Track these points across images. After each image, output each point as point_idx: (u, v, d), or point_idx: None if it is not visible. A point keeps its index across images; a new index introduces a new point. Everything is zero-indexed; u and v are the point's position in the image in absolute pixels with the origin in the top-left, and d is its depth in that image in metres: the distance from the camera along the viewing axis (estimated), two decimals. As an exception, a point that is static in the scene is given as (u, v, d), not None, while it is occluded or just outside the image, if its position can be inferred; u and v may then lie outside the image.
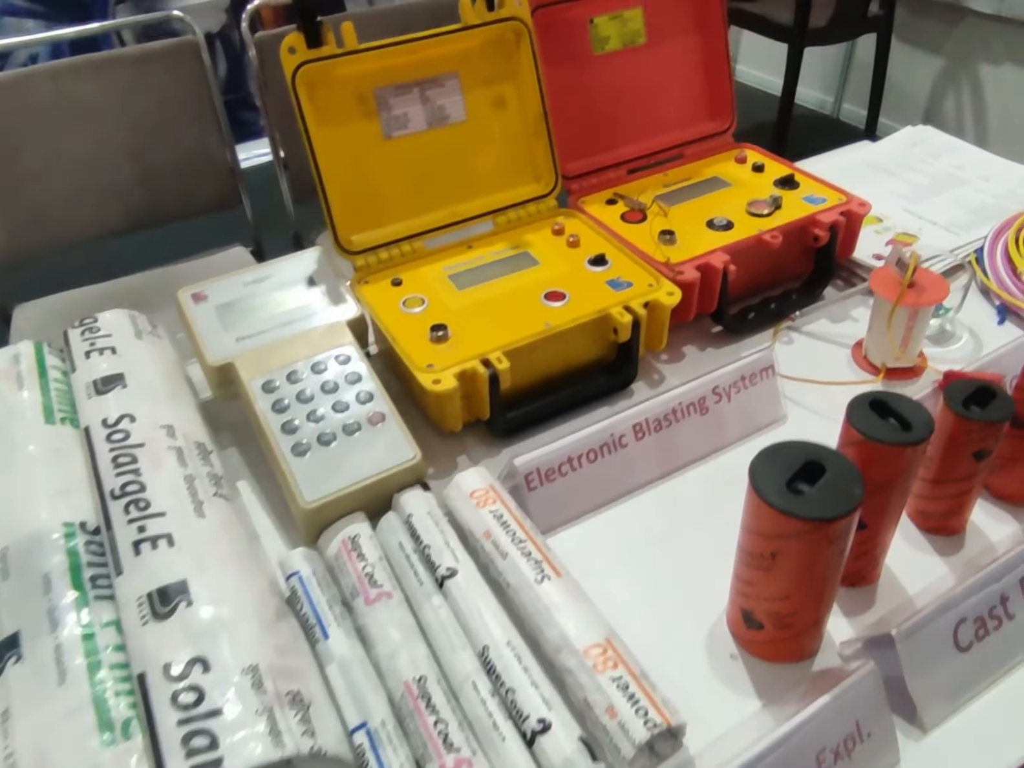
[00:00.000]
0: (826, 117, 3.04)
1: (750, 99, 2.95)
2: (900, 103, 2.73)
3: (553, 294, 0.76)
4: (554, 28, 0.87)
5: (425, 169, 0.83)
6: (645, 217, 0.86)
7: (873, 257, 0.89)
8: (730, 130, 0.98)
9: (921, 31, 2.65)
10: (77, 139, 1.49)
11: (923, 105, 2.72)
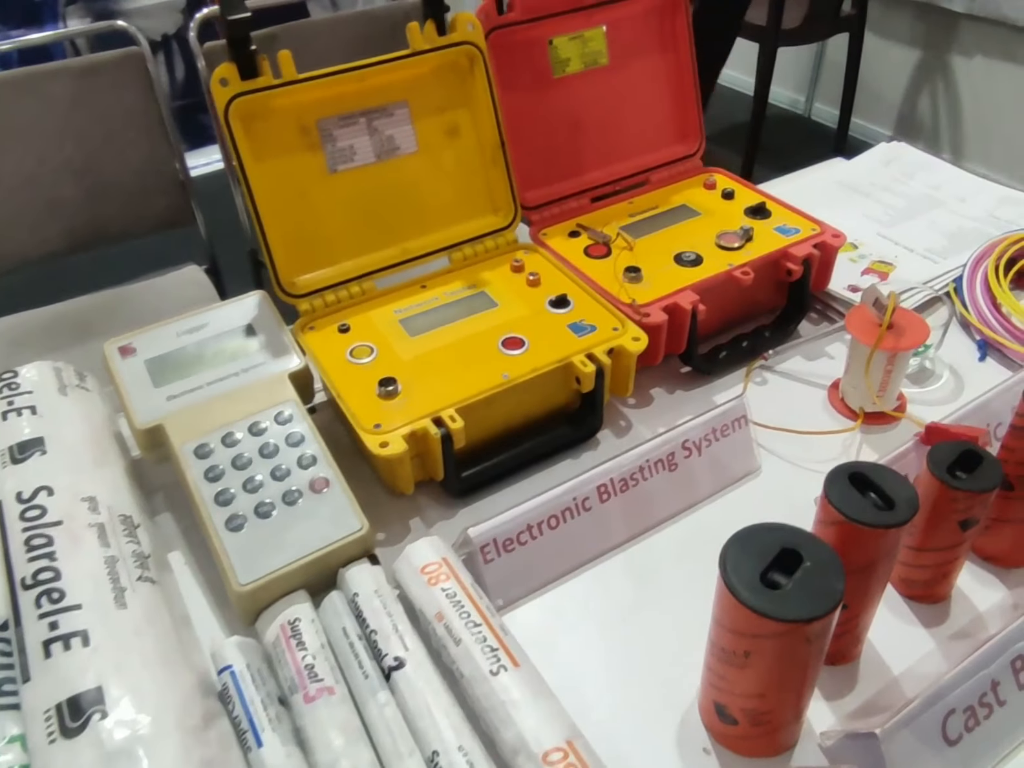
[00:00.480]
0: (798, 116, 3.03)
1: (723, 99, 2.92)
2: (873, 103, 2.71)
3: (511, 340, 0.71)
4: (511, 50, 0.82)
5: (374, 204, 0.78)
6: (610, 251, 0.82)
7: (848, 289, 0.85)
8: (699, 153, 0.94)
9: (893, 30, 2.64)
10: (15, 157, 1.42)
11: (896, 105, 2.71)
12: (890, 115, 2.73)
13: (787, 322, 0.82)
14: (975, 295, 0.83)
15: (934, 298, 0.85)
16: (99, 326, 1.51)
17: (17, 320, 1.50)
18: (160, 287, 1.58)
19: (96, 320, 1.53)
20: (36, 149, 1.43)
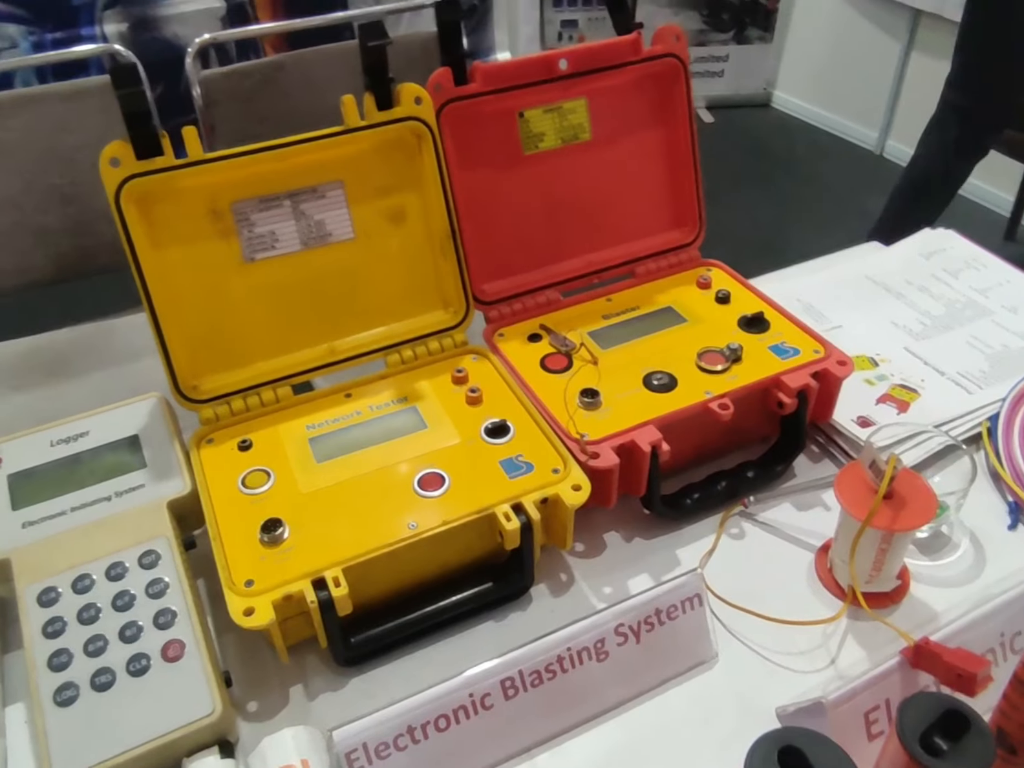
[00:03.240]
0: None
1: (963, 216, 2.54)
2: None
3: (430, 478, 0.62)
4: (471, 123, 0.73)
5: (298, 297, 0.71)
6: (571, 363, 0.72)
7: (857, 422, 0.74)
8: (695, 243, 0.84)
9: None
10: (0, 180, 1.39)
11: None
12: None
13: (776, 461, 0.71)
14: (1011, 443, 0.71)
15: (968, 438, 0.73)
16: (76, 362, 1.47)
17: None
18: (142, 324, 1.54)
19: (73, 356, 1.49)
20: (22, 173, 1.40)
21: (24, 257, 1.46)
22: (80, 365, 1.43)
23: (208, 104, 1.42)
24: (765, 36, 3.00)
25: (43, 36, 2.61)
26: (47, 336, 1.51)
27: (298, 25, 1.53)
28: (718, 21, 2.96)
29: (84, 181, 1.43)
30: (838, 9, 2.81)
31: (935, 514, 0.59)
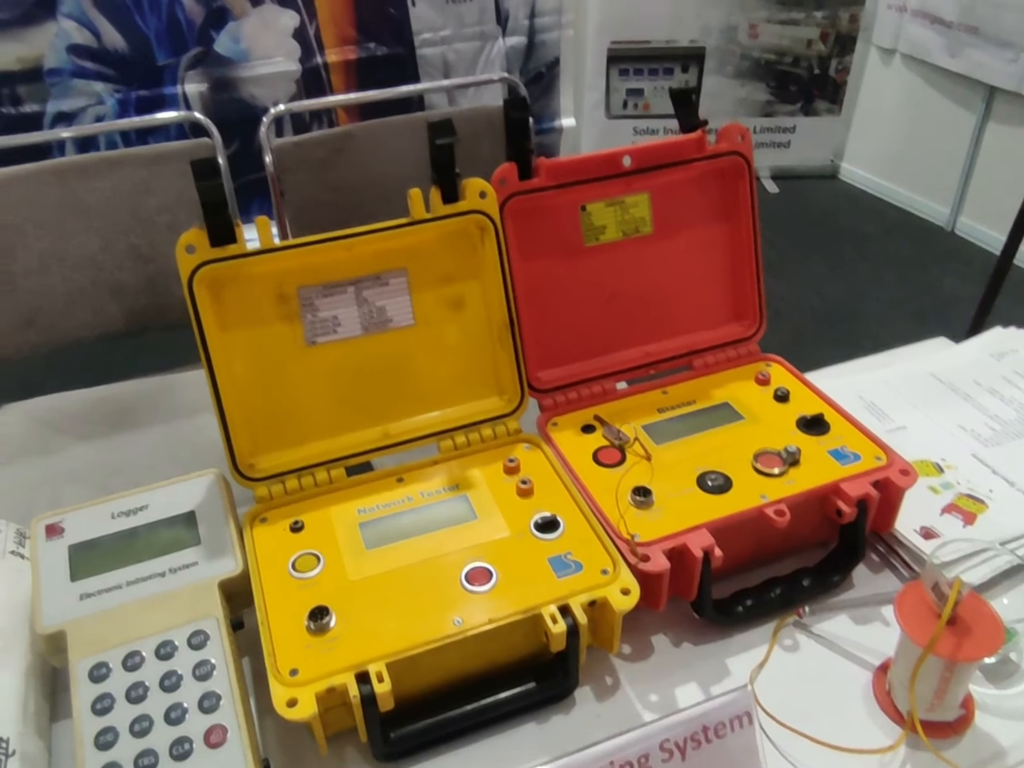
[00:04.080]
0: None
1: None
2: None
3: (478, 572, 0.63)
4: (533, 216, 0.76)
5: (356, 380, 0.73)
6: (623, 458, 0.73)
7: (920, 533, 0.72)
8: (755, 337, 0.84)
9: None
10: (81, 239, 1.47)
11: None
12: None
13: (834, 570, 0.70)
14: (1087, 566, 0.68)
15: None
16: (139, 415, 1.52)
17: (57, 401, 1.54)
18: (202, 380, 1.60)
19: (137, 408, 1.55)
20: (103, 232, 1.48)
21: (100, 312, 1.53)
22: (143, 418, 1.49)
23: (280, 171, 1.48)
24: (833, 108, 3.02)
25: (128, 94, 2.78)
26: (114, 387, 1.57)
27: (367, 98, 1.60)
28: (785, 93, 2.99)
29: (161, 241, 1.50)
30: (909, 83, 2.81)
31: (1002, 644, 0.57)
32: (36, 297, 1.45)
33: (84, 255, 1.47)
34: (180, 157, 1.52)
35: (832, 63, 2.95)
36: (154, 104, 2.78)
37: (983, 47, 2.50)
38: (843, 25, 2.90)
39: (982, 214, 2.66)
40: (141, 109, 2.80)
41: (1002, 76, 2.47)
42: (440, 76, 2.89)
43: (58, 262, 1.45)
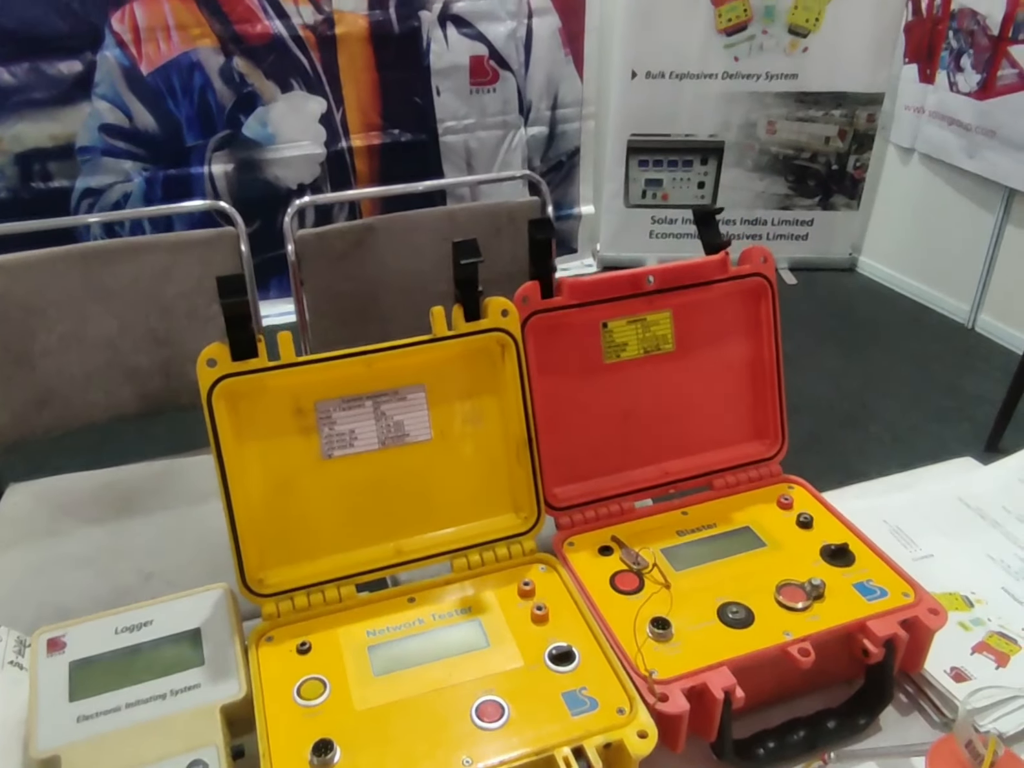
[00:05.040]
0: None
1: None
2: None
3: (489, 706, 0.61)
4: (555, 333, 0.77)
5: (371, 495, 0.73)
6: (642, 585, 0.71)
7: (951, 674, 0.70)
8: (777, 457, 0.84)
9: None
10: (100, 322, 1.50)
11: None
12: None
13: (861, 712, 0.68)
14: None
15: (1070, 704, 0.68)
16: (146, 499, 1.52)
17: (65, 482, 1.54)
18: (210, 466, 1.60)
19: (144, 492, 1.55)
20: (122, 316, 1.51)
21: (114, 393, 1.55)
22: (150, 503, 1.49)
23: (300, 259, 1.51)
24: (851, 203, 3.08)
25: (156, 172, 2.87)
26: (123, 470, 1.58)
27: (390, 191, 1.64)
28: (804, 187, 3.06)
29: (178, 327, 1.53)
30: (927, 181, 2.87)
31: (1041, 810, 0.55)
32: (52, 378, 1.48)
33: (101, 337, 1.49)
34: (202, 245, 1.56)
35: (850, 160, 3.02)
36: (180, 183, 2.87)
37: (1001, 150, 2.56)
38: (861, 124, 2.98)
39: (1003, 312, 2.68)
40: (168, 187, 2.89)
41: (1020, 179, 2.51)
42: (462, 163, 2.98)
43: (77, 343, 1.48)
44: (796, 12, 2.82)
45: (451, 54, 2.88)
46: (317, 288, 1.52)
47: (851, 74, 2.91)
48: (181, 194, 2.92)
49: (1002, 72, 2.53)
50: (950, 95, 2.71)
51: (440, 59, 2.88)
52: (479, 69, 2.93)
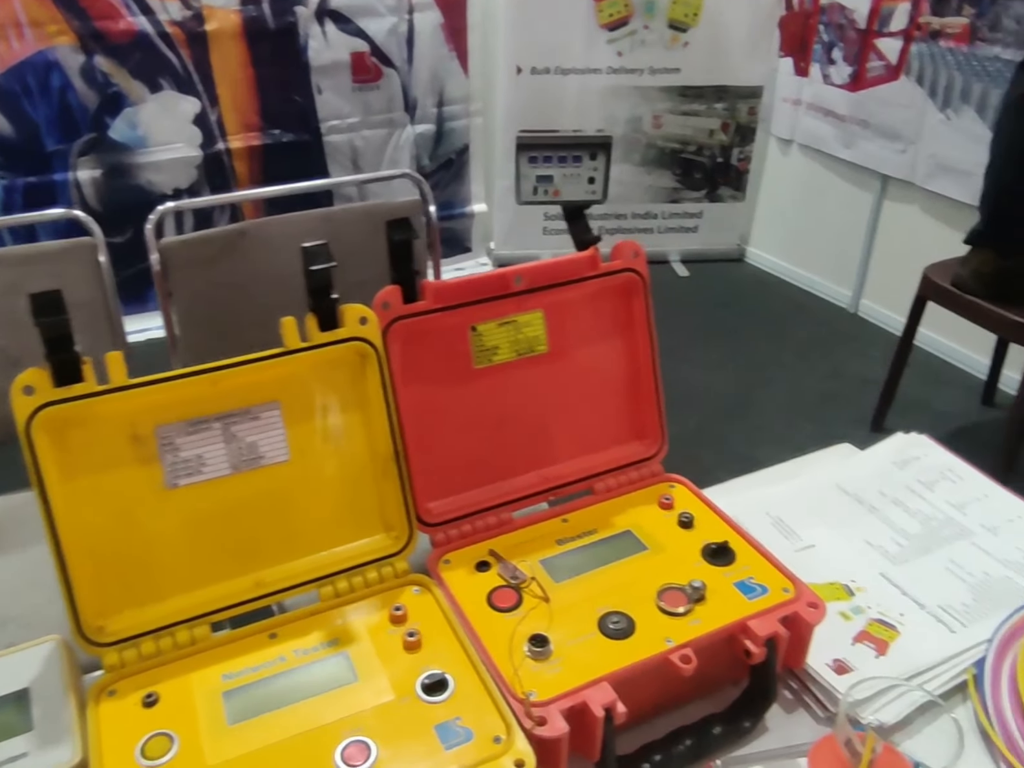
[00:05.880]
0: None
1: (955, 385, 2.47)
2: None
3: (355, 748, 0.57)
4: (420, 339, 0.73)
5: (223, 524, 0.67)
6: (520, 600, 0.68)
7: (833, 667, 0.70)
8: (657, 456, 0.82)
9: None
10: (-57, 342, 1.37)
11: None
12: None
13: (746, 715, 0.66)
14: (1000, 698, 0.67)
15: (954, 689, 0.69)
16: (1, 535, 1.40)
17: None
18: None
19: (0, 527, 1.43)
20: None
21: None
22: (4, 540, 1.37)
23: (167, 269, 1.42)
24: (737, 195, 3.15)
25: (14, 180, 2.68)
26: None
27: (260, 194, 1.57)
28: (691, 180, 3.11)
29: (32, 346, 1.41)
30: (807, 171, 2.96)
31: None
32: None
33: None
34: (56, 257, 1.45)
35: (734, 152, 3.09)
36: (43, 190, 2.69)
37: (874, 139, 2.66)
38: (742, 116, 3.05)
39: (882, 296, 2.79)
40: (29, 195, 2.70)
41: (893, 166, 2.62)
42: (348, 163, 2.90)
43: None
44: (675, 7, 2.86)
45: (331, 51, 2.80)
46: (187, 299, 1.44)
47: (731, 68, 2.97)
48: (45, 202, 2.74)
49: (871, 64, 2.63)
50: (824, 87, 2.80)
51: (319, 56, 2.79)
52: (361, 66, 2.85)
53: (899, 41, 2.51)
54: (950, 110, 2.42)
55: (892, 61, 2.56)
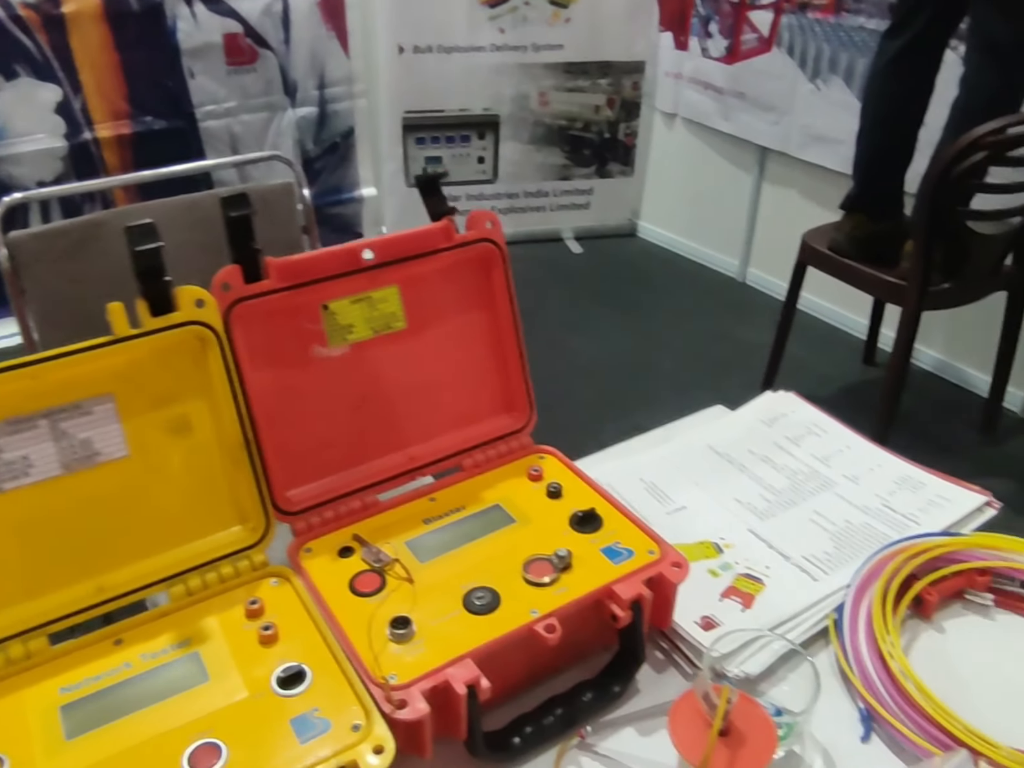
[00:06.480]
0: (940, 380, 2.45)
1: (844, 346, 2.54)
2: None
3: (204, 750, 0.54)
4: (267, 320, 0.70)
5: (58, 529, 0.63)
6: (384, 583, 0.67)
7: (701, 623, 0.70)
8: (526, 428, 0.81)
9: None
10: None
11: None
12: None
13: (616, 679, 0.66)
14: (857, 640, 0.69)
15: (817, 635, 0.71)
16: None
17: None
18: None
19: None
20: None
21: None
22: None
23: (16, 267, 1.33)
24: (626, 170, 3.18)
25: None
26: None
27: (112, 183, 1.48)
28: (580, 157, 3.12)
29: None
30: (691, 145, 3.02)
31: (775, 749, 0.55)
32: None
33: None
34: None
35: (620, 127, 3.12)
36: None
37: (751, 111, 2.73)
38: (627, 92, 3.07)
39: (767, 264, 2.87)
40: None
41: (769, 137, 2.69)
42: (227, 149, 2.79)
43: None
44: (554, -18, 2.86)
45: (201, 32, 2.68)
46: (42, 298, 1.35)
47: (613, 43, 2.99)
48: None
49: (745, 37, 2.69)
50: (703, 61, 2.85)
51: (190, 38, 2.67)
52: (235, 48, 2.74)
53: (770, 13, 2.58)
54: (819, 80, 2.49)
55: (764, 33, 2.62)
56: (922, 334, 2.00)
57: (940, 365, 2.45)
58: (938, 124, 1.95)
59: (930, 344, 2.43)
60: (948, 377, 2.43)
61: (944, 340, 2.43)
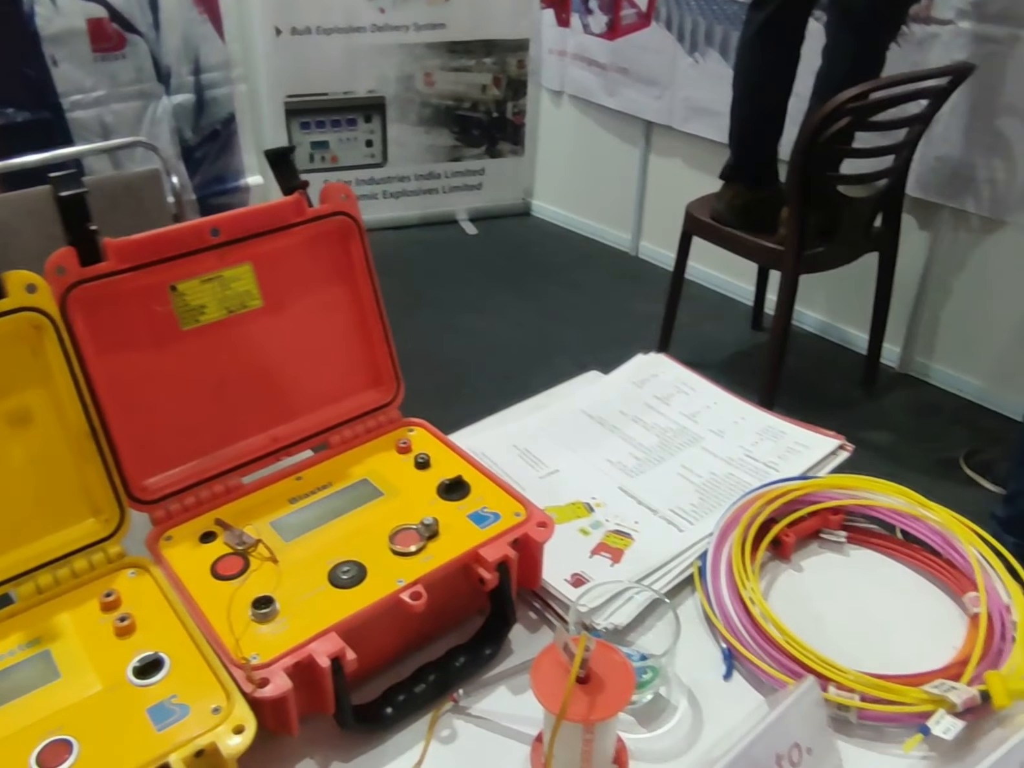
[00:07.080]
0: (823, 340, 2.54)
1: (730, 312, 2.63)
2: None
3: (54, 748, 0.53)
4: (109, 304, 0.67)
5: None
6: (247, 565, 0.66)
7: (571, 581, 0.72)
8: (394, 403, 0.81)
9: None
10: None
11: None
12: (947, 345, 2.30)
13: (488, 641, 0.67)
14: (719, 584, 0.72)
15: (684, 583, 0.73)
16: None
17: None
18: None
19: None
20: None
21: None
22: None
23: None
24: (516, 149, 3.20)
25: None
26: None
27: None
28: (469, 137, 3.12)
29: None
30: (579, 122, 3.05)
31: (632, 692, 0.57)
32: None
33: None
34: None
35: (508, 106, 3.13)
36: None
37: (634, 86, 2.77)
38: (512, 70, 3.08)
39: (658, 237, 2.93)
40: None
41: (653, 111, 2.74)
42: (99, 140, 2.66)
43: None
44: (429, -39, 2.83)
45: (62, 18, 2.55)
46: None
47: (496, 21, 2.99)
48: None
49: (624, 12, 2.73)
50: (585, 37, 2.88)
51: (50, 24, 2.53)
52: (101, 33, 2.62)
53: (647, -12, 2.62)
54: (697, 53, 2.55)
55: (643, 8, 2.66)
56: (804, 297, 2.09)
57: (822, 326, 2.56)
58: (808, 94, 2.03)
59: (812, 306, 2.53)
60: (830, 337, 2.55)
61: (825, 302, 2.53)
